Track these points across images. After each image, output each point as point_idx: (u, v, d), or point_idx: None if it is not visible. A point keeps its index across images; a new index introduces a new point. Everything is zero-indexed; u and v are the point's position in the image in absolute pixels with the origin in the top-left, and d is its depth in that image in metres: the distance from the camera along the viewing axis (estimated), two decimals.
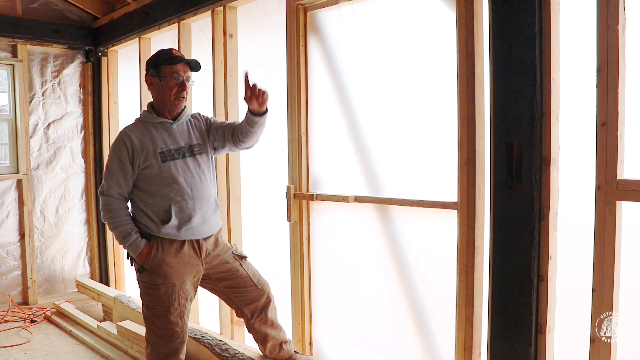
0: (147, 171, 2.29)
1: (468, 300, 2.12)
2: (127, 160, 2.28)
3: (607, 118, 1.69)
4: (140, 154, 2.28)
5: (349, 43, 2.62)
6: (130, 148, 2.28)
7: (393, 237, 2.49)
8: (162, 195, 2.28)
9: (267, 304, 2.54)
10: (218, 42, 3.25)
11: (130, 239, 2.26)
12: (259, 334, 2.57)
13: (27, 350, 3.47)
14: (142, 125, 2.35)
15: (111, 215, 2.28)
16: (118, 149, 2.29)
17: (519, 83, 1.86)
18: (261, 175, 3.26)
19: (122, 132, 2.34)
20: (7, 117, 4.44)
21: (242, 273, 2.47)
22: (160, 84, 2.31)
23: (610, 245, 1.71)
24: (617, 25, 1.65)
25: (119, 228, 2.27)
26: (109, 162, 2.31)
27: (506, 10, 1.89)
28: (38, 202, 4.54)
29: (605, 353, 1.73)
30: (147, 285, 2.30)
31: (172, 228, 2.27)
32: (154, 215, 2.29)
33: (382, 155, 2.51)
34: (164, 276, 2.27)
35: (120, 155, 2.28)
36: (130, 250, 2.27)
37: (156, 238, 2.28)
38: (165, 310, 2.27)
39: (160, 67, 2.31)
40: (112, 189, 2.29)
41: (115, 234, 2.30)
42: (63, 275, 4.71)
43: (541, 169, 1.85)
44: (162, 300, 2.27)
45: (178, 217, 2.28)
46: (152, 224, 2.29)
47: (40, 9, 4.47)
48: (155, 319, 2.30)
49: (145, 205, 2.30)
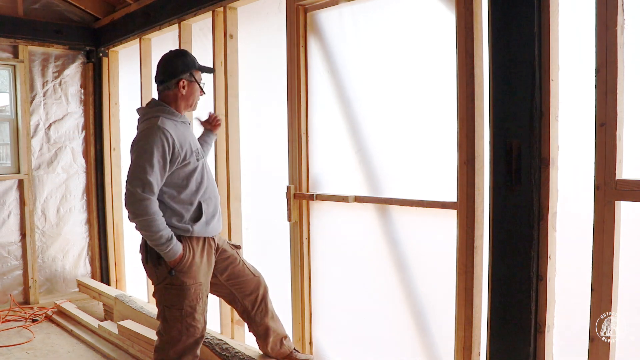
0: (185, 169, 2.26)
1: (467, 300, 2.13)
2: (168, 158, 2.19)
3: (606, 118, 1.70)
4: (181, 151, 2.23)
5: (349, 43, 2.63)
6: (172, 145, 2.19)
7: (393, 237, 2.49)
8: (194, 193, 2.29)
9: (266, 293, 2.58)
10: (218, 42, 3.26)
11: (171, 243, 2.18)
12: (260, 327, 2.58)
13: (28, 349, 3.48)
14: (171, 122, 2.27)
15: (149, 217, 2.14)
16: (160, 146, 2.16)
17: (519, 83, 1.87)
18: (261, 175, 3.26)
19: (157, 127, 2.19)
20: (9, 117, 4.45)
21: (239, 261, 2.52)
22: (191, 88, 2.34)
23: (609, 245, 1.71)
24: (615, 26, 1.66)
25: (160, 232, 2.16)
26: (147, 158, 2.14)
27: (505, 11, 1.89)
28: (39, 202, 4.56)
29: (604, 352, 1.73)
30: (177, 287, 2.25)
31: (201, 226, 2.30)
32: (186, 213, 2.27)
33: (382, 155, 2.52)
34: (194, 277, 2.27)
35: (162, 152, 2.16)
36: (169, 254, 2.19)
37: (186, 239, 2.28)
38: (192, 309, 2.29)
39: (192, 72, 2.34)
40: (155, 187, 2.16)
41: (153, 237, 2.17)
42: (64, 275, 4.72)
43: (540, 169, 1.85)
44: (190, 300, 2.27)
45: (206, 215, 2.32)
46: (182, 224, 2.26)
47: (42, 10, 4.48)
48: (181, 318, 2.28)
49: (176, 204, 2.26)
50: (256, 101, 3.22)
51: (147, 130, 2.21)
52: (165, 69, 2.32)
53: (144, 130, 2.22)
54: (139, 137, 2.23)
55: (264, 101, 3.16)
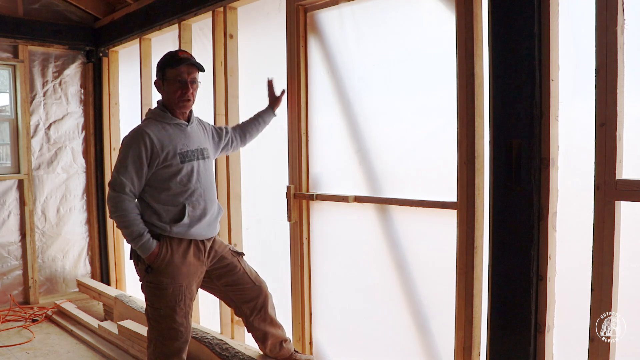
0: (165, 170, 2.28)
1: (467, 300, 2.13)
2: (145, 159, 2.25)
3: (606, 118, 1.70)
4: (160, 153, 2.26)
5: (349, 43, 2.63)
6: (150, 147, 2.25)
7: (393, 237, 2.49)
8: (177, 195, 2.30)
9: (266, 302, 2.55)
10: (218, 42, 3.26)
11: (142, 239, 2.23)
12: (258, 332, 2.57)
13: (28, 349, 3.48)
14: (158, 124, 2.32)
15: (121, 213, 2.23)
16: (136, 147, 2.24)
17: (519, 83, 1.87)
18: (261, 175, 3.26)
19: (139, 129, 2.30)
20: (9, 117, 4.45)
21: (239, 270, 2.49)
22: (163, 87, 2.35)
23: (609, 245, 1.71)
24: (615, 26, 1.66)
25: (130, 228, 2.23)
26: (124, 159, 2.25)
27: (505, 11, 1.90)
28: (39, 202, 4.56)
29: (604, 352, 1.73)
30: (154, 285, 2.29)
31: (183, 227, 2.30)
32: (166, 214, 2.29)
33: (382, 155, 2.52)
34: (172, 276, 2.28)
35: (138, 152, 2.24)
36: (141, 250, 2.25)
37: (165, 238, 2.29)
38: (172, 310, 2.28)
39: (165, 70, 2.34)
40: (126, 186, 2.24)
41: (125, 233, 2.26)
42: (64, 275, 4.72)
43: (540, 168, 1.85)
44: (168, 300, 2.28)
45: (190, 217, 2.32)
46: (162, 223, 2.29)
47: (42, 10, 4.48)
48: (160, 319, 2.29)
49: (157, 204, 2.30)
50: (256, 101, 3.22)
51: (130, 133, 2.32)
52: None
53: (129, 133, 2.33)
54: (123, 140, 2.35)
55: (264, 101, 3.16)
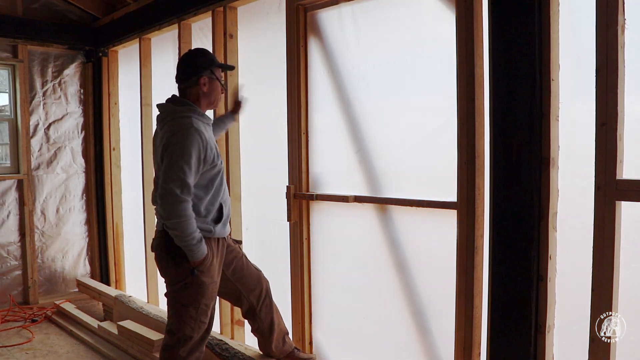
0: (211, 171, 2.26)
1: (468, 300, 2.13)
2: (201, 160, 2.18)
3: (607, 118, 1.70)
4: (210, 153, 2.22)
5: (349, 43, 2.63)
6: (204, 147, 2.18)
7: (393, 237, 2.49)
8: (216, 195, 2.31)
9: (269, 288, 2.61)
10: (218, 42, 3.26)
11: (201, 245, 2.20)
12: (265, 323, 2.59)
13: (27, 349, 3.48)
14: (200, 122, 2.25)
15: (184, 219, 2.13)
16: (196, 147, 2.14)
17: (519, 83, 1.87)
18: (261, 175, 3.26)
19: (193, 128, 2.17)
20: (8, 117, 4.44)
21: (242, 256, 2.55)
22: (212, 85, 2.33)
23: (609, 245, 1.71)
24: (616, 26, 1.66)
25: (193, 234, 2.16)
26: (186, 160, 2.12)
27: (506, 10, 1.89)
28: (39, 202, 4.55)
29: (605, 352, 1.73)
30: (196, 286, 2.26)
31: (220, 227, 2.34)
32: (209, 215, 2.29)
33: (382, 155, 2.52)
34: (212, 276, 2.31)
35: (197, 153, 2.15)
36: (196, 255, 2.20)
37: (207, 240, 2.28)
38: (207, 307, 2.32)
39: (214, 69, 2.33)
40: (191, 189, 2.15)
41: (185, 239, 2.15)
42: (64, 275, 4.71)
43: (541, 169, 1.85)
44: (207, 299, 2.30)
45: (225, 216, 2.36)
46: (206, 225, 2.27)
47: (41, 10, 4.48)
48: (196, 316, 2.29)
49: (201, 205, 2.26)
50: (256, 101, 3.22)
51: (184, 131, 2.16)
52: (187, 67, 2.31)
53: (180, 131, 2.17)
54: (176, 138, 2.16)
55: (264, 101, 3.16)
